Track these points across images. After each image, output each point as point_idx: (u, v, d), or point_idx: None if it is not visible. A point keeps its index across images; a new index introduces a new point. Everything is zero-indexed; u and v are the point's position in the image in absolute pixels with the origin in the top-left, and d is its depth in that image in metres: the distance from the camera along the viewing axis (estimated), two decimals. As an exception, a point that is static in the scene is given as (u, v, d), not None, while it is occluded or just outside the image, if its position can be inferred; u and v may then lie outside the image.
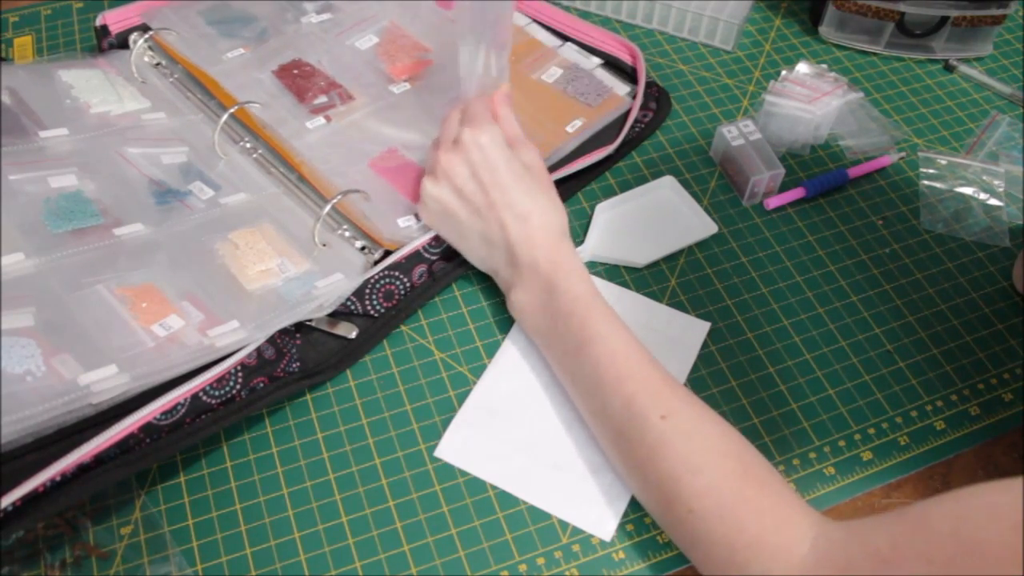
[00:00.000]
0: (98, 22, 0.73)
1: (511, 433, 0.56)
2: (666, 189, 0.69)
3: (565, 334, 0.55)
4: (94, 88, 0.68)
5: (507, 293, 0.59)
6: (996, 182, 0.70)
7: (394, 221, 0.63)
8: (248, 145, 0.67)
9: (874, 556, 0.41)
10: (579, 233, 0.67)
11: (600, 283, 0.64)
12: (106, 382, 0.49)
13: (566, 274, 0.56)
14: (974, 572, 0.36)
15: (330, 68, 0.72)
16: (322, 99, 0.69)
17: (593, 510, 0.54)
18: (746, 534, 0.46)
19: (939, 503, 0.40)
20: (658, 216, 0.68)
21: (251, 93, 0.69)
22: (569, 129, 0.70)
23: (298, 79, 0.71)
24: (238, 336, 0.55)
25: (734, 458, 0.48)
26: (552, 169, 0.67)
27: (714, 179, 0.70)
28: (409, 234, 0.62)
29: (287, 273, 0.60)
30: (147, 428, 0.50)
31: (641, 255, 0.65)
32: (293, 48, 0.73)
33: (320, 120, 0.68)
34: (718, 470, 0.48)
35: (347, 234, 0.62)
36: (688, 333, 0.61)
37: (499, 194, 0.57)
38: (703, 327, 0.62)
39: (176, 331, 0.54)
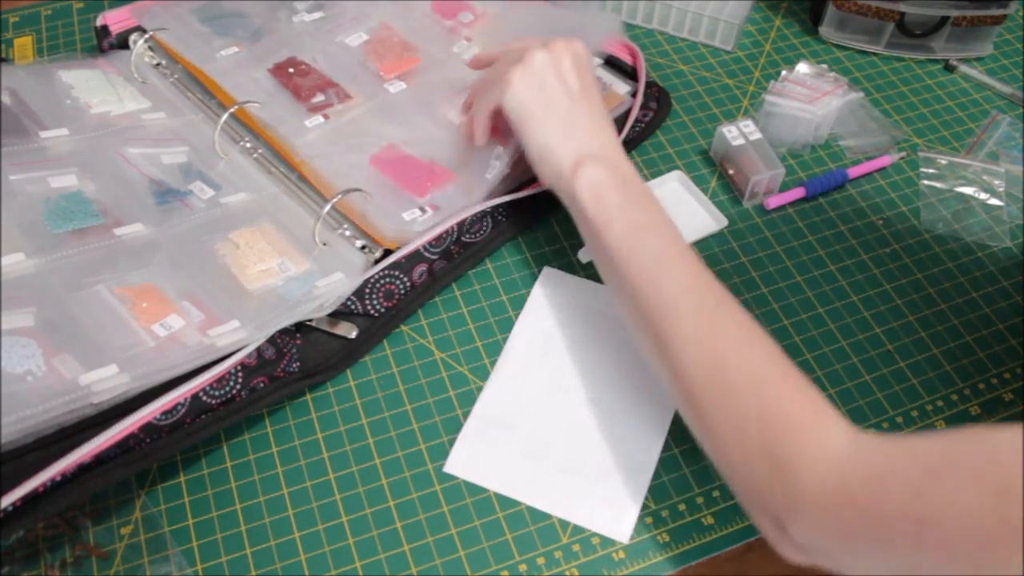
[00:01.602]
0: (98, 22, 0.74)
1: (519, 441, 0.56)
2: (675, 183, 0.69)
3: (640, 211, 0.55)
4: (94, 88, 0.68)
5: (572, 172, 0.57)
6: (996, 182, 0.70)
7: (399, 215, 0.63)
8: (248, 145, 0.67)
9: (923, 466, 0.39)
10: (579, 233, 0.67)
11: (592, 287, 0.63)
12: (107, 382, 0.49)
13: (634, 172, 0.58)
14: None
15: (325, 66, 0.72)
16: (320, 98, 0.69)
17: (608, 512, 0.54)
18: (783, 409, 0.45)
19: (1008, 428, 0.38)
20: (668, 211, 0.67)
21: (248, 92, 0.69)
22: (569, 129, 0.70)
23: (294, 77, 0.71)
24: (238, 336, 0.55)
25: (782, 361, 0.48)
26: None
27: (714, 179, 0.70)
28: (414, 227, 0.62)
29: (287, 273, 0.59)
30: (147, 428, 0.50)
31: None
32: (287, 46, 0.73)
33: (319, 118, 0.68)
34: (768, 354, 0.48)
35: (347, 233, 0.62)
36: None
37: (591, 88, 0.60)
38: None
39: (176, 331, 0.54)
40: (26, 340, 0.49)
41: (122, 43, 0.73)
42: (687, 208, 0.68)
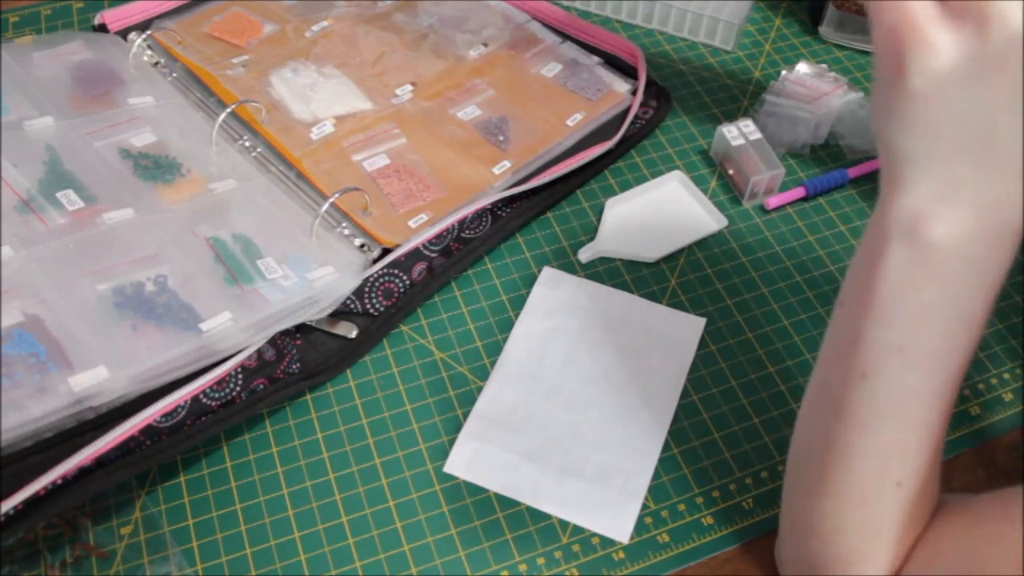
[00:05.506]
0: (96, 21, 0.73)
1: (519, 441, 0.56)
2: (675, 183, 0.69)
3: (941, 326, 0.39)
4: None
5: (905, 226, 0.37)
6: (996, 182, 0.70)
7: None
8: (247, 144, 0.67)
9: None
10: (581, 232, 0.67)
11: (592, 287, 0.63)
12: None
13: None
14: None
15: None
16: None
17: (608, 512, 0.54)
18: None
19: (951, 532, 0.41)
20: (668, 211, 0.68)
21: None
22: (569, 123, 0.70)
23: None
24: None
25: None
26: (551, 165, 0.67)
27: (714, 179, 0.70)
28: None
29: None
30: (148, 430, 0.50)
31: (651, 250, 0.65)
32: None
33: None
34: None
35: (346, 232, 0.62)
36: (684, 331, 0.61)
37: None
38: (699, 323, 0.62)
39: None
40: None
41: (121, 42, 0.73)
42: (687, 208, 0.68)
